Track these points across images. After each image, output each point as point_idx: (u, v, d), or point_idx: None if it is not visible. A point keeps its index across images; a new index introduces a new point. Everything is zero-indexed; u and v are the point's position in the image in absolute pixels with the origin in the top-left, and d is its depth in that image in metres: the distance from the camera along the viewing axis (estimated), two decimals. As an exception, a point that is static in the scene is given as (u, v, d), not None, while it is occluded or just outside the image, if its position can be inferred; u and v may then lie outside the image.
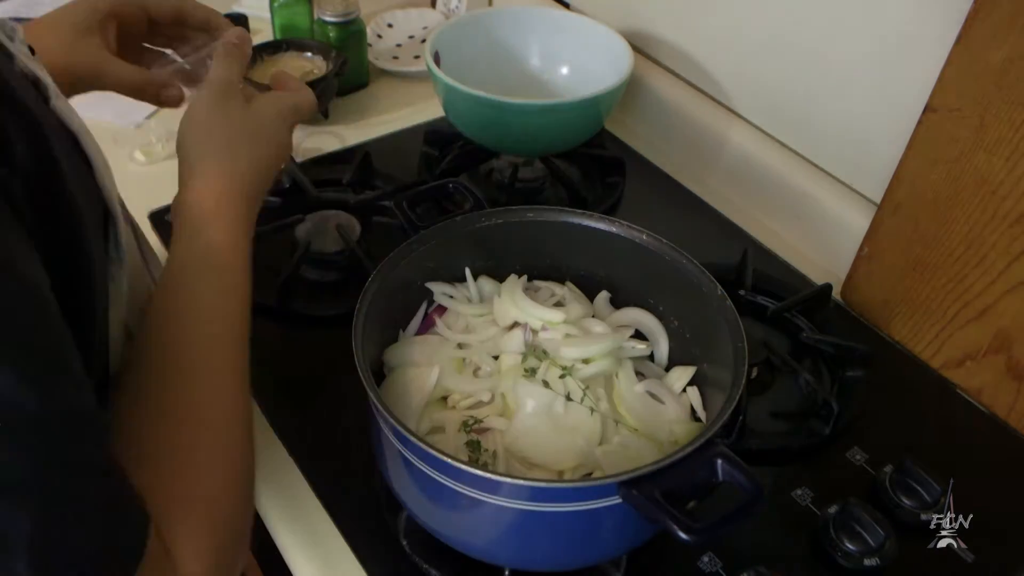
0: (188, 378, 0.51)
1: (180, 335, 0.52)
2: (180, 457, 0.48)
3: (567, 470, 0.59)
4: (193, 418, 0.50)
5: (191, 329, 0.53)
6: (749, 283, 0.83)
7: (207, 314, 0.54)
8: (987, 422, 0.75)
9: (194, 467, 0.49)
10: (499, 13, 1.02)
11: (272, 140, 0.65)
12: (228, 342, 0.54)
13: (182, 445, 0.49)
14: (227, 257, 0.57)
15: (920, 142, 0.74)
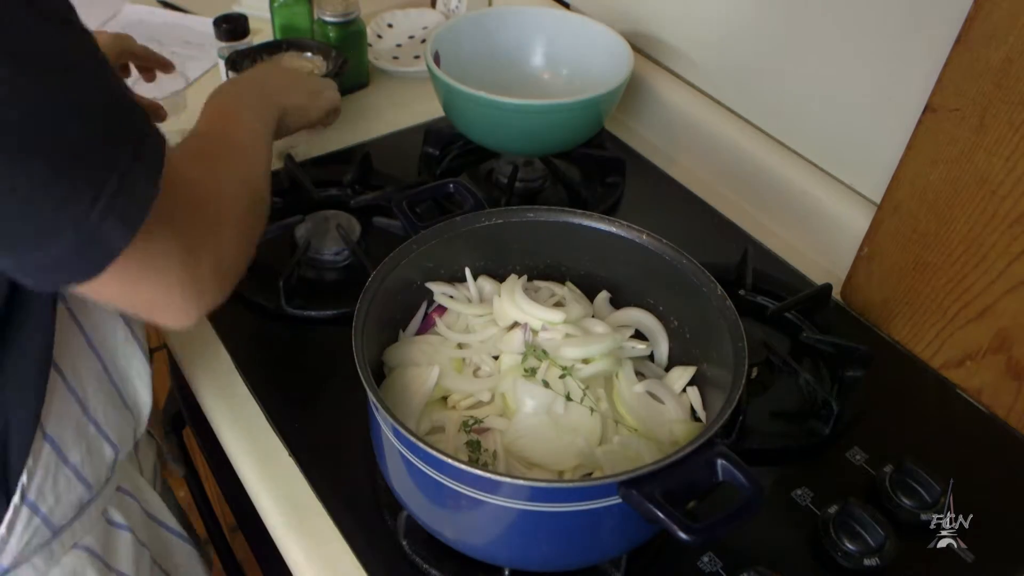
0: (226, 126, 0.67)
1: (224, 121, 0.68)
2: (206, 163, 0.58)
3: (567, 470, 0.59)
4: (224, 138, 0.65)
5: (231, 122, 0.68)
6: (749, 283, 0.83)
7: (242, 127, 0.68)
8: (987, 422, 0.75)
9: (217, 173, 0.59)
10: (499, 13, 1.02)
11: (302, 84, 0.83)
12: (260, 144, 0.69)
13: (211, 154, 0.61)
14: (249, 124, 0.69)
15: (920, 142, 0.74)
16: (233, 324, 0.81)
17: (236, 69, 1.01)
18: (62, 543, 0.63)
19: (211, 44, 1.11)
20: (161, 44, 1.20)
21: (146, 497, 0.74)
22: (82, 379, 0.62)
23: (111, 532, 0.68)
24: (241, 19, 1.06)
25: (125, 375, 0.66)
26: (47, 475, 0.59)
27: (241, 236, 0.59)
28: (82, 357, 0.62)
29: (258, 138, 0.70)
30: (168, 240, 0.49)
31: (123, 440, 0.67)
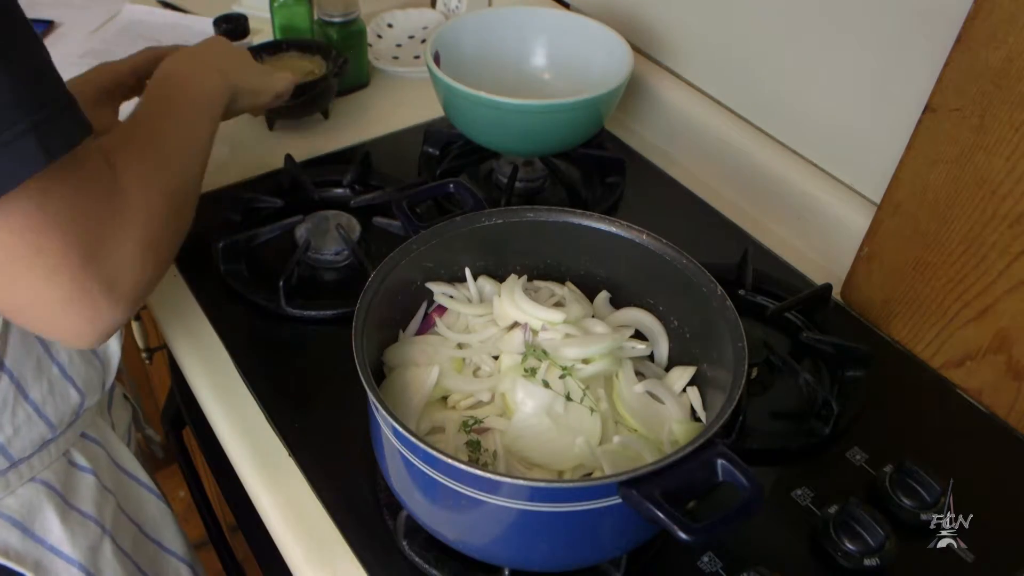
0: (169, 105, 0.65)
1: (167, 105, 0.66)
2: (134, 164, 0.55)
3: (567, 470, 0.59)
4: (162, 130, 0.62)
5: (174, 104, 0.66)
6: (749, 283, 0.83)
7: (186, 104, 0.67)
8: (987, 422, 0.75)
9: (157, 140, 0.60)
10: (499, 13, 1.02)
11: (255, 64, 0.84)
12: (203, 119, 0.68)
13: (142, 152, 0.58)
14: (184, 98, 0.68)
15: (920, 142, 0.74)
16: (233, 324, 0.81)
17: (236, 69, 1.01)
18: (19, 474, 0.64)
19: (211, 44, 1.11)
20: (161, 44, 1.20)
21: (114, 447, 0.75)
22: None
23: (72, 472, 0.69)
24: (241, 19, 1.06)
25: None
26: (5, 406, 0.61)
27: (153, 253, 0.55)
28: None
29: (202, 127, 0.68)
30: (62, 237, 0.47)
31: (89, 387, 0.68)
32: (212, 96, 0.71)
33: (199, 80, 0.71)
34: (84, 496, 0.70)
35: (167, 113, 0.65)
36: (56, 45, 1.20)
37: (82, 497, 0.69)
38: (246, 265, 0.86)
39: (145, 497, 0.79)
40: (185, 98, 0.68)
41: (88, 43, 1.20)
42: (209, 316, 0.81)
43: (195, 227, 0.91)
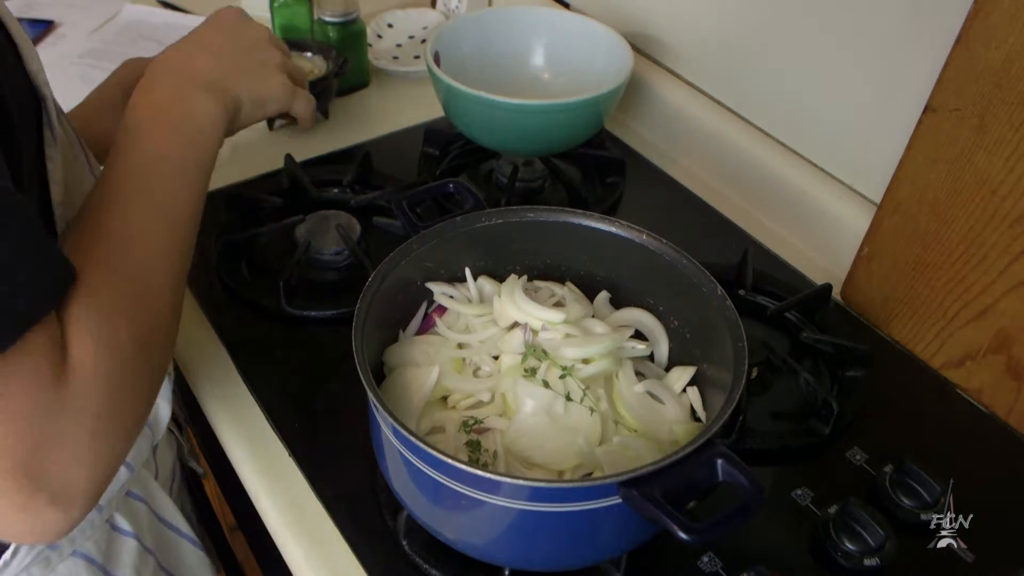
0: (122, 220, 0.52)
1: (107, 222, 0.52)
2: (101, 271, 0.48)
3: (567, 470, 0.59)
4: (137, 200, 0.53)
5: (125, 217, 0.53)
6: (749, 283, 0.83)
7: (144, 221, 0.53)
8: (987, 422, 0.75)
9: (116, 280, 0.48)
10: (499, 13, 1.02)
11: (258, 67, 0.66)
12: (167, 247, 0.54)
13: (113, 232, 0.50)
14: (155, 169, 0.55)
15: (920, 142, 0.74)
16: (233, 324, 0.81)
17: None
18: (60, 552, 0.62)
19: (211, 44, 1.11)
20: (161, 44, 1.20)
21: (157, 500, 0.72)
22: None
23: (114, 538, 0.66)
24: (241, 19, 1.06)
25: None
26: None
27: (112, 437, 0.46)
28: None
29: (185, 199, 0.56)
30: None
31: (137, 457, 0.65)
32: (201, 136, 0.59)
33: (183, 113, 0.58)
34: (124, 562, 0.66)
35: (136, 197, 0.53)
36: (56, 45, 1.20)
37: (122, 563, 0.66)
38: (246, 265, 0.86)
39: (185, 548, 0.75)
40: (160, 160, 0.55)
41: (88, 43, 1.20)
42: (209, 316, 0.81)
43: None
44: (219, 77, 0.62)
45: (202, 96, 0.60)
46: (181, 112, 0.58)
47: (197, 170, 0.58)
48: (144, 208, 0.53)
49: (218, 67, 0.62)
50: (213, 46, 0.63)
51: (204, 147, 0.59)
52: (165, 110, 0.58)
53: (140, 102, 0.58)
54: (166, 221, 0.54)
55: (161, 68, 0.61)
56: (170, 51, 0.63)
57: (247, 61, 0.65)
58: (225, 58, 0.63)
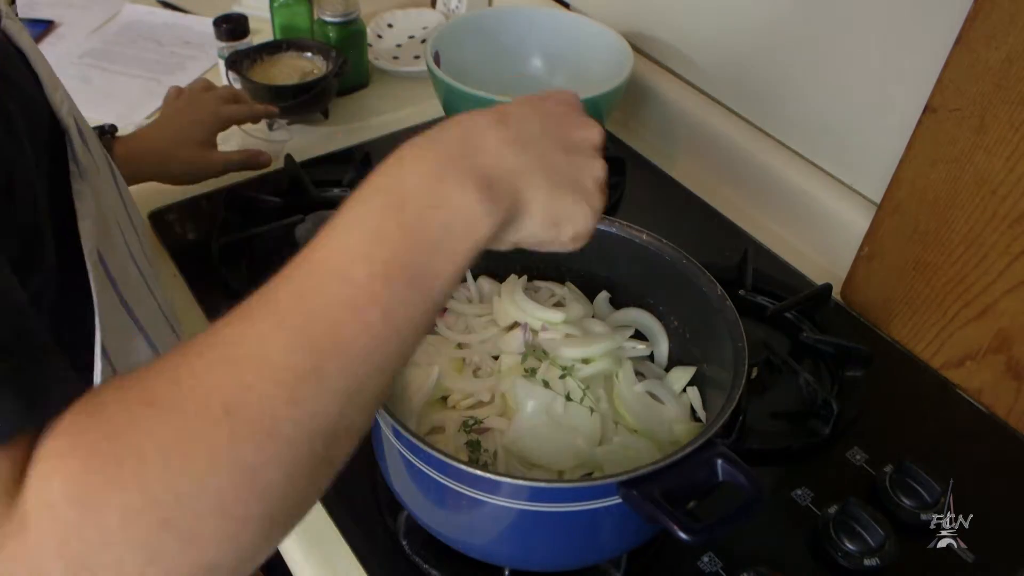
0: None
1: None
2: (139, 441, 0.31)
3: (567, 470, 0.59)
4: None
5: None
6: (749, 283, 0.83)
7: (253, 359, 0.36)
8: (987, 422, 0.75)
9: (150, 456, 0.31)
10: (499, 13, 1.02)
11: (573, 175, 0.45)
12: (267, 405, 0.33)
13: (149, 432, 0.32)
14: (352, 309, 0.36)
15: (920, 142, 0.74)
16: (233, 324, 0.80)
17: (236, 69, 1.01)
18: None
19: (211, 44, 1.11)
20: (161, 44, 1.21)
21: None
22: None
23: None
24: (241, 19, 1.06)
25: None
26: None
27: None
28: None
29: (366, 382, 0.36)
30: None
31: None
32: (443, 255, 0.39)
33: (430, 206, 0.39)
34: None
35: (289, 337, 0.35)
36: (56, 45, 1.20)
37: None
38: (246, 265, 0.86)
39: None
40: (367, 294, 0.36)
41: (88, 43, 1.20)
42: (209, 316, 0.81)
43: (195, 227, 0.91)
44: (511, 170, 0.41)
45: (472, 190, 0.39)
46: (428, 204, 0.38)
47: (410, 319, 0.37)
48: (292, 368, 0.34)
49: (515, 156, 0.42)
50: (518, 126, 0.43)
51: (437, 283, 0.38)
52: (404, 202, 0.38)
53: (373, 183, 0.40)
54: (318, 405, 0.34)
55: (427, 140, 0.41)
56: (453, 119, 0.43)
57: (561, 162, 0.45)
58: (531, 148, 0.43)
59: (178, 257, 0.87)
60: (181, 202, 0.92)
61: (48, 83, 0.50)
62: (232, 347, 0.35)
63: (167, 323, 0.63)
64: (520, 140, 0.43)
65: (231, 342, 0.36)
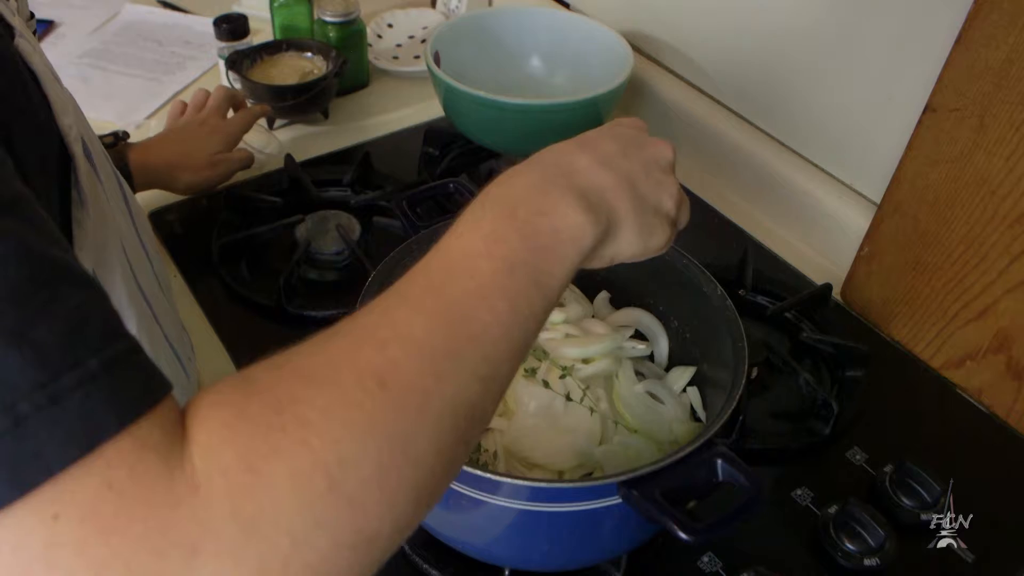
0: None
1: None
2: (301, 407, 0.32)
3: (567, 470, 0.59)
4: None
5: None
6: (749, 283, 0.83)
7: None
8: (987, 422, 0.75)
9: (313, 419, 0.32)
10: (499, 13, 1.02)
11: (654, 189, 0.48)
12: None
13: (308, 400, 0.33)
14: (480, 296, 0.39)
15: (920, 142, 0.74)
16: (233, 324, 0.81)
17: (236, 69, 1.01)
18: None
19: (211, 44, 1.11)
20: (161, 44, 1.21)
21: None
22: None
23: None
24: (241, 19, 1.06)
25: None
26: None
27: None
28: None
29: (495, 366, 0.38)
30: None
31: None
32: (556, 261, 0.42)
33: (539, 211, 0.42)
34: None
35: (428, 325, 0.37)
36: (56, 45, 1.20)
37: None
38: (246, 265, 0.86)
39: None
40: (495, 282, 0.39)
41: (88, 43, 1.20)
42: (209, 316, 0.81)
43: (195, 227, 0.91)
44: (602, 186, 0.45)
45: (574, 203, 0.43)
46: (537, 211, 0.42)
47: (531, 312, 0.40)
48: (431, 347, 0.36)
49: (605, 175, 0.45)
50: (600, 149, 0.47)
51: (551, 282, 0.41)
52: (515, 208, 0.42)
53: (482, 196, 0.43)
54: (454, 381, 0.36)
55: (525, 165, 0.45)
56: (541, 152, 0.47)
57: (642, 179, 0.47)
58: (616, 167, 0.46)
59: (178, 257, 0.87)
60: (181, 202, 0.92)
61: (59, 107, 0.48)
62: (375, 329, 0.37)
63: (171, 349, 0.61)
64: (606, 161, 0.46)
65: (372, 325, 0.37)
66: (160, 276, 0.63)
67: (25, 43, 0.47)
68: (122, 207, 0.58)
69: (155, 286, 0.60)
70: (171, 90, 1.11)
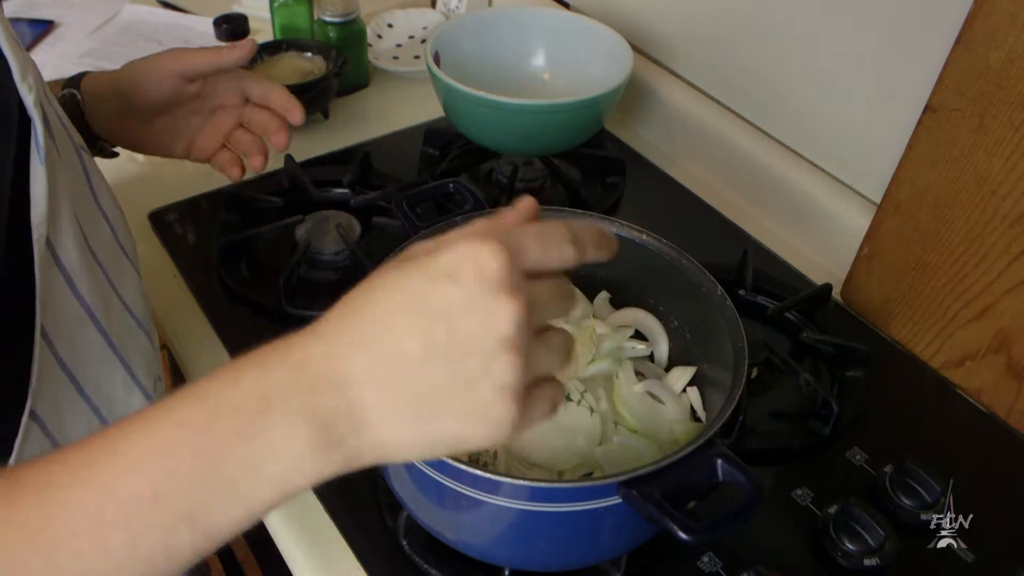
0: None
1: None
2: None
3: (567, 470, 0.59)
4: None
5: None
6: (749, 283, 0.83)
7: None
8: (987, 422, 0.75)
9: None
10: (499, 13, 1.02)
11: (468, 387, 0.36)
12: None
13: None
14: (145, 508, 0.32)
15: (920, 142, 0.74)
16: (233, 324, 0.81)
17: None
18: None
19: (211, 44, 1.11)
20: (161, 44, 1.21)
21: None
22: (67, 432, 0.51)
23: None
24: (241, 19, 1.06)
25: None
26: None
27: None
28: (71, 409, 0.51)
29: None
30: None
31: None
32: (250, 488, 0.34)
33: (246, 434, 0.34)
34: None
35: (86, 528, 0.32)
36: (56, 45, 1.20)
37: None
38: (246, 265, 0.86)
39: None
40: (161, 496, 0.32)
41: (88, 43, 1.20)
42: (209, 316, 0.81)
43: (195, 227, 0.92)
44: (362, 385, 0.36)
45: (303, 429, 0.34)
46: (238, 431, 0.34)
47: (172, 549, 0.33)
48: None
49: (372, 371, 0.36)
50: (394, 343, 0.36)
51: (218, 522, 0.33)
52: (219, 410, 0.34)
53: (214, 375, 0.36)
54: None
55: (301, 336, 0.39)
56: (337, 308, 0.40)
57: (451, 374, 0.36)
58: (407, 364, 0.36)
59: (178, 257, 0.87)
60: (181, 202, 0.92)
61: (17, 69, 0.48)
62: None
63: (129, 319, 0.60)
64: (385, 359, 0.36)
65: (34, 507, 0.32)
66: (124, 243, 0.62)
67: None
68: (78, 171, 0.57)
69: (115, 252, 0.60)
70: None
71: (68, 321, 0.52)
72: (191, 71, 0.75)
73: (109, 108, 0.76)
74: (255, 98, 0.79)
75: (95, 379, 0.55)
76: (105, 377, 0.56)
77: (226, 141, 0.80)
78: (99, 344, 0.55)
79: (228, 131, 0.80)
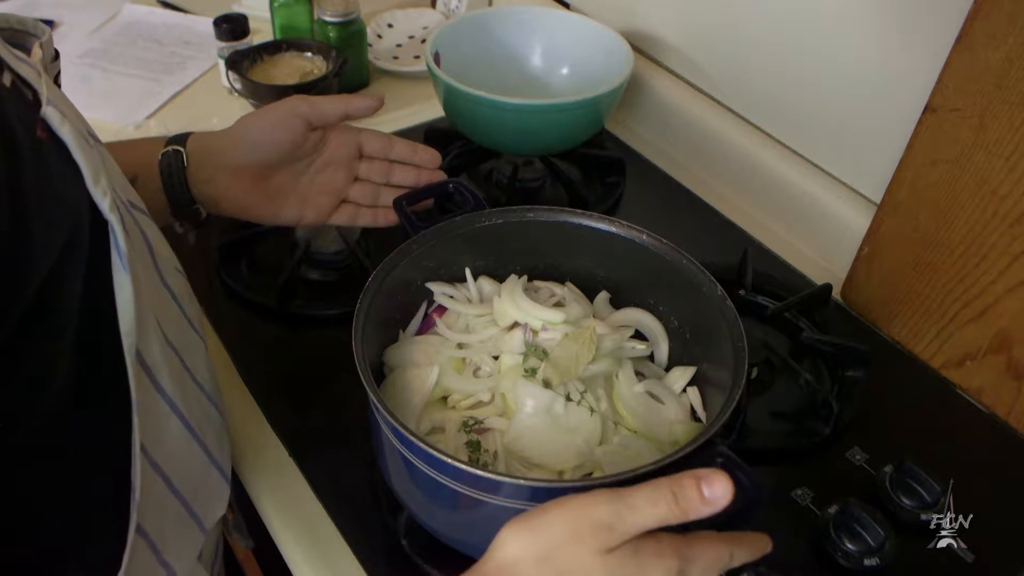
0: None
1: None
2: None
3: (567, 470, 0.59)
4: None
5: None
6: (749, 283, 0.83)
7: None
8: (987, 422, 0.75)
9: None
10: (499, 13, 1.02)
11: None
12: None
13: None
14: None
15: (920, 142, 0.74)
16: (233, 324, 0.81)
17: (236, 69, 1.01)
18: None
19: (211, 44, 1.11)
20: (161, 44, 1.21)
21: None
22: (164, 534, 0.51)
23: None
24: (241, 19, 1.06)
25: (206, 504, 0.56)
26: None
27: None
28: (164, 508, 0.51)
29: None
30: None
31: (188, 556, 0.56)
32: None
33: None
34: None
35: None
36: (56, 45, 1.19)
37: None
38: (246, 265, 0.86)
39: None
40: None
41: (88, 43, 1.20)
42: (209, 316, 0.81)
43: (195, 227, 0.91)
44: None
45: None
46: None
47: None
48: None
49: None
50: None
51: None
52: None
53: None
54: None
55: None
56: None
57: None
58: None
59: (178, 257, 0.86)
60: (181, 202, 0.92)
61: (89, 173, 0.46)
62: None
63: (203, 399, 0.58)
64: None
65: None
66: (191, 316, 0.59)
67: (54, 112, 0.45)
68: (146, 260, 0.54)
69: (185, 331, 0.57)
70: (171, 90, 1.11)
71: (156, 421, 0.51)
72: (320, 118, 0.74)
73: (219, 165, 0.72)
74: (373, 152, 0.77)
75: (181, 470, 0.52)
76: (189, 466, 0.54)
77: (344, 198, 0.77)
78: (183, 436, 0.53)
79: (343, 188, 0.77)
